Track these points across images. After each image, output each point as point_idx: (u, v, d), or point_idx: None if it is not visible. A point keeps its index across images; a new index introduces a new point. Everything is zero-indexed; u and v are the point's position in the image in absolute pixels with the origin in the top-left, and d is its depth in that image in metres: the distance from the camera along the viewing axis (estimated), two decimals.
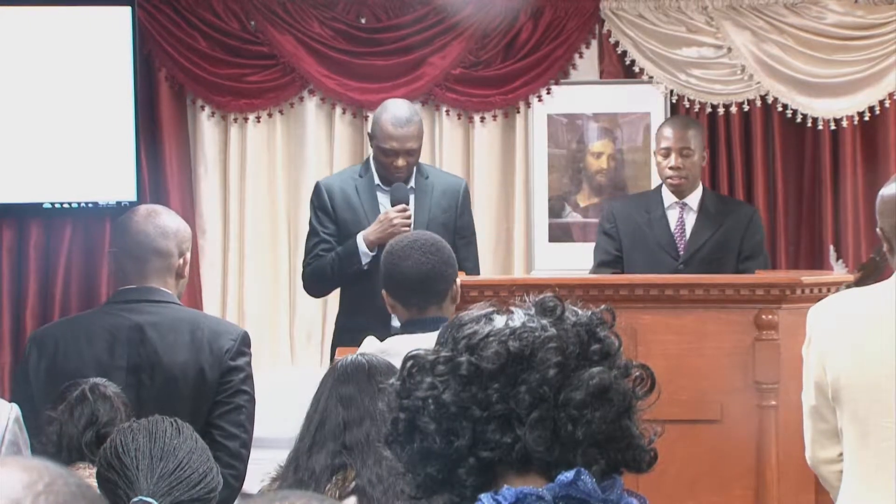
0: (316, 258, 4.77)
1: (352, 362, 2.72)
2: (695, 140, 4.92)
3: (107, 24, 5.61)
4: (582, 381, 1.47)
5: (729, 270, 4.80)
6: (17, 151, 5.60)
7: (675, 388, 3.92)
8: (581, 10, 5.84)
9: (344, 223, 4.75)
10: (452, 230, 4.79)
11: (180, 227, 3.43)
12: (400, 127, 4.66)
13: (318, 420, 2.65)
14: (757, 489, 4.08)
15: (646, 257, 4.88)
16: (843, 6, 5.78)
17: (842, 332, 3.00)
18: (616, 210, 5.07)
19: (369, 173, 4.83)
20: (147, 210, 3.47)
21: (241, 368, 3.33)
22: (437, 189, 4.84)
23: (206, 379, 3.27)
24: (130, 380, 3.25)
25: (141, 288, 3.34)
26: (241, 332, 3.40)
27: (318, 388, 2.74)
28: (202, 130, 5.85)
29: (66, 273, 5.71)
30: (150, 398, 3.23)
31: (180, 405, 3.23)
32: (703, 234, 4.91)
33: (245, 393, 3.32)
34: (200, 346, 3.29)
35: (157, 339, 3.29)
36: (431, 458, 1.49)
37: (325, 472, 2.58)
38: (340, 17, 5.83)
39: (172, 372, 3.27)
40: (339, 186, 4.84)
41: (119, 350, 3.28)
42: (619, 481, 1.48)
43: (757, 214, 5.09)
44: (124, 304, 3.35)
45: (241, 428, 3.30)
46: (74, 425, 2.90)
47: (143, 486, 2.21)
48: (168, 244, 3.36)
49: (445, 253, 3.31)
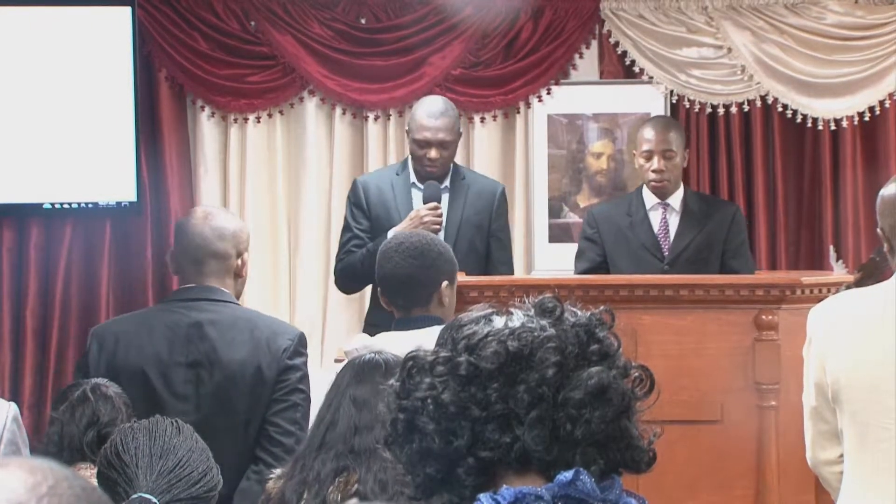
0: (348, 254, 4.84)
1: (368, 361, 2.70)
2: (676, 141, 4.88)
3: (107, 24, 5.61)
4: (581, 380, 1.47)
5: (714, 269, 4.78)
6: (17, 151, 5.60)
7: (676, 389, 3.92)
8: (581, 11, 5.83)
9: (377, 219, 4.82)
10: (486, 233, 4.88)
11: (238, 229, 3.48)
12: (434, 119, 4.78)
13: (329, 420, 2.64)
14: (757, 489, 4.08)
15: (630, 260, 4.85)
16: (843, 6, 5.78)
17: (842, 334, 3.00)
18: (597, 215, 5.02)
19: (406, 171, 4.92)
20: (204, 212, 3.53)
21: (298, 367, 3.39)
22: (472, 190, 4.91)
23: (263, 377, 3.32)
24: (189, 375, 3.31)
25: (200, 287, 3.40)
26: (298, 333, 3.46)
27: (332, 385, 2.71)
28: (202, 130, 5.85)
29: (66, 273, 5.70)
30: (208, 394, 3.30)
31: (238, 402, 3.30)
32: (687, 234, 4.88)
33: (301, 392, 3.38)
34: (259, 345, 3.34)
35: (217, 337, 3.34)
36: (430, 458, 1.50)
37: (330, 474, 2.57)
38: (340, 17, 5.83)
39: (231, 369, 3.32)
40: (375, 183, 4.93)
41: (179, 346, 3.34)
42: (618, 481, 1.48)
43: (739, 212, 5.07)
44: (184, 301, 3.41)
45: (296, 425, 3.35)
46: (76, 425, 2.91)
47: (142, 483, 2.22)
48: (225, 246, 3.41)
49: (430, 257, 3.31)
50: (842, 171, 5.84)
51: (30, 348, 5.67)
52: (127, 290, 5.68)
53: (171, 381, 3.32)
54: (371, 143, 5.82)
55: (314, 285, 5.83)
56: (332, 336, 5.76)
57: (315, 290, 5.83)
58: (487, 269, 4.89)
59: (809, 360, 3.06)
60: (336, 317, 5.81)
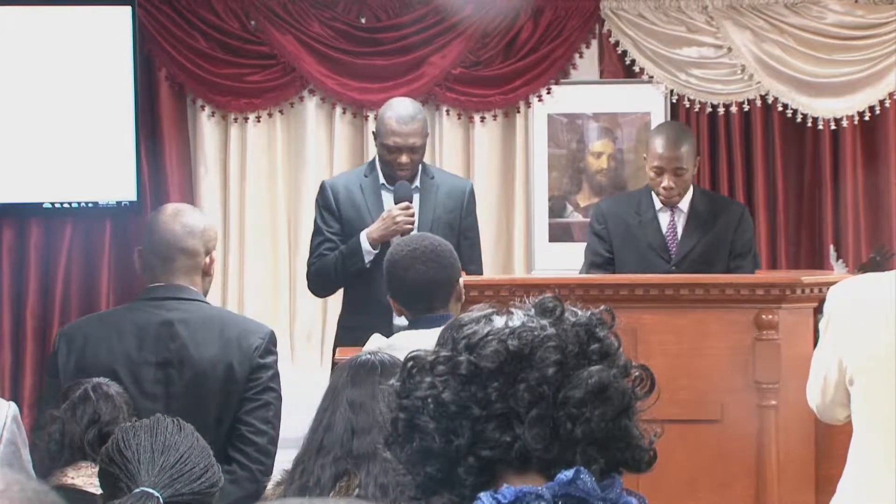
0: (320, 257, 4.79)
1: (364, 363, 2.68)
2: (688, 156, 4.80)
3: (107, 24, 5.61)
4: (581, 379, 1.47)
5: (720, 270, 4.78)
6: (17, 151, 5.60)
7: (675, 388, 3.92)
8: (581, 10, 5.84)
9: (348, 222, 4.77)
10: (457, 231, 4.83)
11: (207, 226, 3.47)
12: (404, 124, 4.70)
13: (326, 423, 2.63)
14: (757, 489, 4.08)
15: (637, 259, 4.84)
16: (843, 6, 5.78)
17: (860, 317, 3.03)
18: (606, 210, 5.01)
19: (374, 172, 4.85)
20: (174, 209, 3.51)
21: (269, 366, 3.37)
22: (442, 189, 4.86)
23: (234, 376, 3.31)
24: (159, 375, 3.29)
25: (169, 286, 3.38)
26: (268, 331, 3.44)
27: (328, 387, 2.70)
28: (202, 130, 5.85)
29: (66, 273, 5.70)
30: (179, 393, 3.28)
31: (209, 401, 3.29)
32: (694, 236, 4.87)
33: (273, 390, 3.36)
34: (229, 343, 3.33)
35: (187, 336, 3.32)
36: (431, 457, 1.50)
37: (330, 479, 2.56)
38: (340, 16, 5.83)
39: (202, 367, 3.30)
40: (343, 185, 4.87)
41: (148, 345, 3.32)
42: (619, 480, 1.48)
43: (746, 212, 5.06)
44: (153, 300, 3.38)
45: (269, 424, 3.33)
46: (77, 424, 2.91)
47: (144, 478, 2.22)
48: (195, 243, 3.39)
49: (446, 258, 3.32)
50: (842, 171, 5.84)
51: (30, 348, 5.67)
52: (127, 290, 5.68)
53: (141, 381, 3.29)
54: (371, 143, 5.80)
55: None
56: (331, 336, 5.75)
57: None
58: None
59: (825, 337, 3.10)
60: (336, 317, 5.80)
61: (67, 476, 2.84)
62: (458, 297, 3.34)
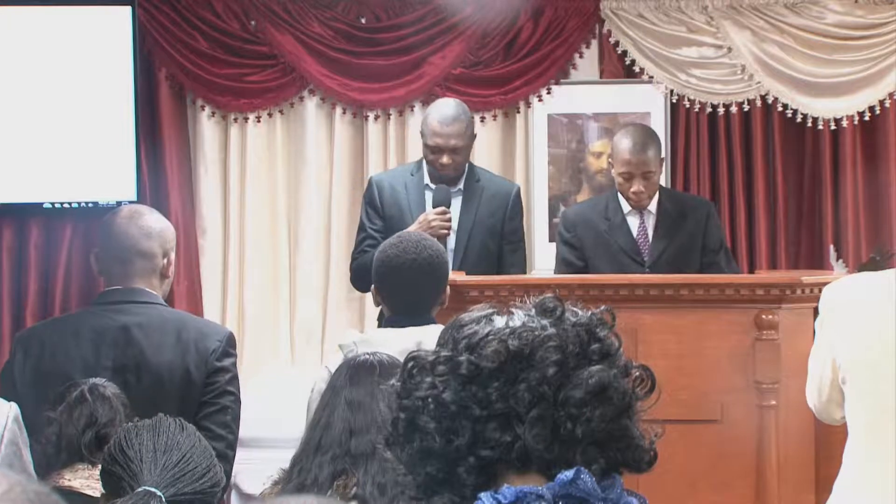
0: (362, 254, 4.84)
1: (363, 363, 2.68)
2: (654, 159, 4.78)
3: (107, 24, 5.61)
4: (581, 379, 1.47)
5: (694, 269, 4.77)
6: (17, 151, 5.60)
7: (675, 388, 3.92)
8: (581, 10, 5.83)
9: (391, 219, 4.83)
10: (499, 234, 4.88)
11: (164, 228, 3.43)
12: (446, 125, 4.77)
13: (324, 422, 2.63)
14: (757, 489, 4.08)
15: (610, 263, 4.82)
16: (843, 6, 5.78)
17: (854, 315, 3.03)
18: (574, 217, 4.98)
19: (421, 171, 4.92)
20: (130, 211, 3.47)
21: (226, 369, 3.33)
22: (486, 192, 4.91)
23: (191, 379, 3.28)
24: (116, 380, 3.22)
25: (126, 289, 3.35)
26: (226, 333, 3.40)
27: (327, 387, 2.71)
28: (202, 130, 5.85)
29: (66, 273, 5.70)
30: (136, 399, 3.21)
31: (166, 406, 3.22)
32: (666, 237, 4.84)
33: (231, 394, 3.33)
34: (186, 347, 3.29)
35: (143, 340, 3.29)
36: (431, 457, 1.50)
37: (328, 478, 2.56)
38: (340, 16, 5.83)
39: (158, 372, 3.27)
40: (389, 183, 4.93)
41: (105, 350, 3.28)
42: (619, 480, 1.48)
43: (713, 208, 5.05)
44: (110, 304, 3.35)
45: (227, 429, 3.30)
46: (73, 426, 2.90)
47: (146, 477, 2.23)
48: (152, 245, 3.36)
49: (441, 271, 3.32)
50: (842, 171, 5.84)
51: None
52: None
53: None
54: (371, 143, 5.82)
55: (314, 285, 5.83)
56: (332, 336, 5.76)
57: (315, 289, 5.83)
58: (500, 272, 4.87)
59: (820, 336, 3.09)
60: (336, 317, 5.81)
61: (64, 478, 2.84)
62: (443, 302, 3.35)
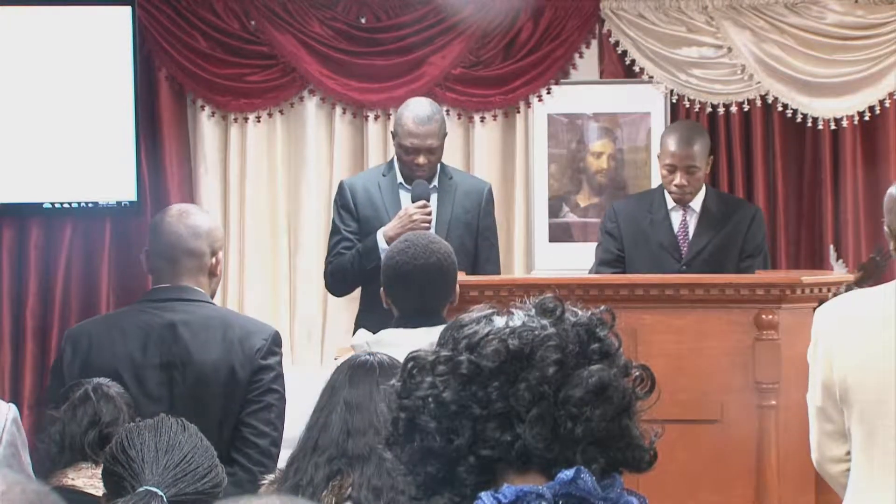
0: (337, 256, 4.82)
1: (362, 364, 2.67)
2: (700, 155, 4.84)
3: (107, 24, 5.61)
4: (581, 378, 1.47)
5: (731, 270, 4.79)
6: (17, 151, 5.60)
7: (675, 388, 3.91)
8: (581, 10, 5.83)
9: (366, 220, 4.81)
10: (475, 231, 4.89)
11: (212, 227, 3.47)
12: (421, 125, 4.75)
13: (322, 422, 2.62)
14: (757, 489, 4.08)
15: (648, 258, 4.86)
16: (843, 6, 5.78)
17: (848, 333, 3.00)
18: (619, 210, 5.05)
19: (392, 172, 4.91)
20: (179, 210, 3.51)
21: (271, 367, 3.36)
22: (460, 189, 4.91)
23: (237, 377, 3.31)
24: (162, 377, 3.29)
25: (174, 287, 3.38)
26: (272, 332, 3.43)
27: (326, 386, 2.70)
28: (202, 130, 5.85)
29: (66, 273, 5.70)
30: (182, 395, 3.28)
31: (212, 403, 3.29)
32: (706, 236, 4.89)
33: (275, 392, 3.36)
34: (232, 345, 3.32)
35: (189, 338, 3.32)
36: (431, 457, 1.50)
37: (323, 479, 2.55)
38: (340, 16, 5.83)
39: (204, 370, 3.30)
40: (361, 185, 4.91)
41: (152, 348, 3.32)
42: (619, 480, 1.48)
43: (759, 213, 5.08)
44: (158, 302, 3.38)
45: (271, 426, 3.33)
46: (77, 425, 2.91)
47: (148, 477, 2.23)
48: (200, 244, 3.39)
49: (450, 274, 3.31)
50: (842, 171, 5.84)
51: (30, 348, 5.67)
52: (127, 290, 5.68)
53: (145, 383, 3.29)
54: (371, 143, 5.82)
55: (314, 285, 5.82)
56: (332, 336, 5.76)
57: (315, 289, 5.82)
58: (475, 268, 4.89)
59: (816, 360, 3.05)
60: (336, 317, 5.80)
61: (68, 477, 2.84)
62: (453, 301, 3.35)
